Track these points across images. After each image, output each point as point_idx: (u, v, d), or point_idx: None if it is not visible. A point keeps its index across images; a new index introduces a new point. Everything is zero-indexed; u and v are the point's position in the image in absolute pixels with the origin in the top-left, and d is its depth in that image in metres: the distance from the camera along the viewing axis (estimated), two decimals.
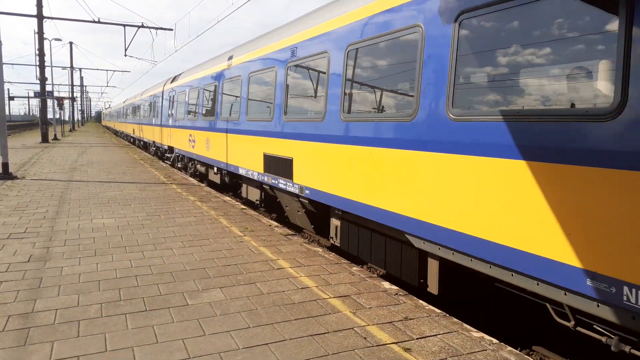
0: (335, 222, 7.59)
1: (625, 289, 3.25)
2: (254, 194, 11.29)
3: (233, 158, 11.68)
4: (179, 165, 19.97)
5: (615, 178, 3.32)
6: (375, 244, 6.56)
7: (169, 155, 22.04)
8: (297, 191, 8.23)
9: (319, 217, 8.60)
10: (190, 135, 16.32)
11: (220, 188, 14.92)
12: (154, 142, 26.11)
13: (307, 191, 7.85)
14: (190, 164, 18.09)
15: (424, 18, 5.22)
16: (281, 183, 8.86)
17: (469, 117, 4.55)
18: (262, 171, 9.71)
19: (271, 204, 10.99)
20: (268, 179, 9.41)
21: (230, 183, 13.13)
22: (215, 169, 13.99)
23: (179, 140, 18.71)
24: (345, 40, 6.79)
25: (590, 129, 3.47)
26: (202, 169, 15.97)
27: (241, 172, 11.07)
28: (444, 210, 4.87)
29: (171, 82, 21.06)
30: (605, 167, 3.38)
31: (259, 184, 10.78)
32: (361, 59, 6.48)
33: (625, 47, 3.24)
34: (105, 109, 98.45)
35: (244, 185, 11.90)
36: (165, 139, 21.95)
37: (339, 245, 7.50)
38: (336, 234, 7.58)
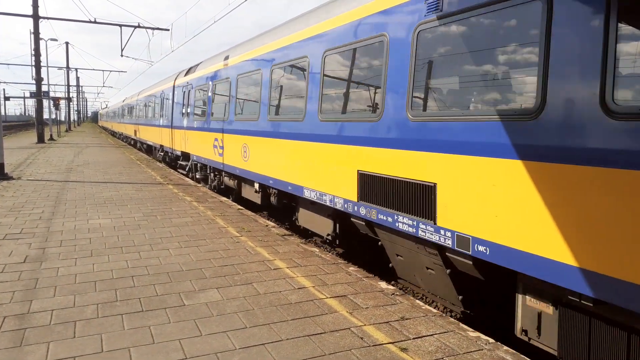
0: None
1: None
2: (321, 225, 8.11)
3: (289, 174, 8.47)
4: (197, 176, 15.81)
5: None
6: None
7: (183, 163, 17.81)
8: (442, 241, 4.94)
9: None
10: (216, 139, 12.88)
11: (258, 209, 12.09)
12: (161, 145, 21.96)
13: (479, 247, 4.49)
14: (213, 175, 14.25)
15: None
16: (400, 222, 5.54)
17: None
18: (351, 197, 6.49)
19: (356, 241, 7.79)
20: (366, 212, 6.16)
21: (279, 204, 9.70)
22: (257, 185, 10.39)
23: (197, 145, 15.03)
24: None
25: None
26: (231, 182, 12.57)
27: (307, 194, 7.76)
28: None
29: (185, 74, 17.30)
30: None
31: (335, 214, 7.60)
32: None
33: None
34: (103, 108, 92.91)
35: (302, 210, 8.81)
36: (178, 143, 17.88)
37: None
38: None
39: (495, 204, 4.25)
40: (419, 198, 5.18)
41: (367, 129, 6.00)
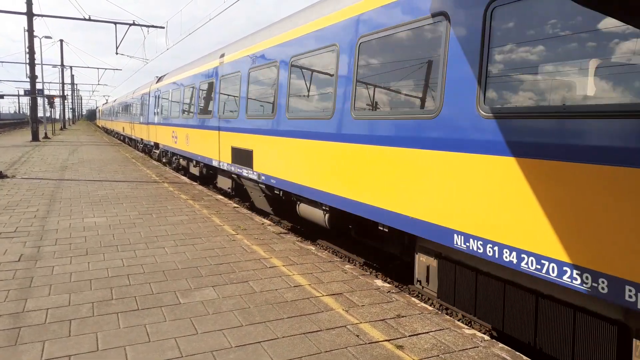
0: None
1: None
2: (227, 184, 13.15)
3: (203, 152, 13.96)
4: (164, 160, 21.42)
5: (439, 157, 4.98)
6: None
7: (156, 151, 22.99)
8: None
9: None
10: (173, 132, 18.31)
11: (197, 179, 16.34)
12: (141, 139, 26.34)
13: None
14: (174, 159, 19.47)
15: (340, 39, 6.95)
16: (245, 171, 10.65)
17: (364, 116, 6.31)
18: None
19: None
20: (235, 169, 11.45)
21: (207, 174, 14.85)
22: (195, 162, 15.93)
23: (163, 136, 20.61)
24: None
25: (424, 123, 5.21)
26: (183, 163, 17.85)
27: (215, 164, 12.77)
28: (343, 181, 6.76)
29: (156, 82, 22.88)
30: (433, 149, 5.06)
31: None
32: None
33: (443, 73, 4.93)
34: (103, 104, 77.39)
35: (219, 177, 13.71)
36: (152, 135, 23.05)
37: None
38: None
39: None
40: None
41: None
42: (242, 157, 10.42)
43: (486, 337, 4.23)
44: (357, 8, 6.52)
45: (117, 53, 28.98)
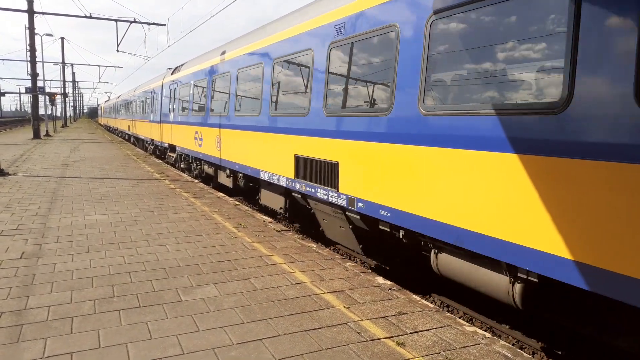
0: None
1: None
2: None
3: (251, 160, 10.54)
4: (182, 166, 17.68)
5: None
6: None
7: (171, 154, 19.26)
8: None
9: None
10: (197, 132, 14.70)
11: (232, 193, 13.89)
12: (152, 139, 23.30)
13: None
14: (195, 165, 16.07)
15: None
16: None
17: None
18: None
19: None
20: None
21: (245, 187, 11.65)
22: (228, 171, 12.38)
23: (182, 138, 17.19)
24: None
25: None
26: (210, 170, 14.28)
27: (262, 176, 9.71)
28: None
29: (172, 73, 18.73)
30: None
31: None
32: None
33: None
34: (105, 101, 70.64)
35: (263, 191, 10.53)
36: (166, 136, 19.60)
37: None
38: None
39: (373, 173, 6.01)
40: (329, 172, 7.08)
41: (300, 121, 7.82)
42: (316, 171, 7.43)
43: (487, 335, 4.23)
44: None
45: (118, 50, 28.98)
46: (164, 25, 28.08)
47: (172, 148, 18.81)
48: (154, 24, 28.93)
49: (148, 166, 17.88)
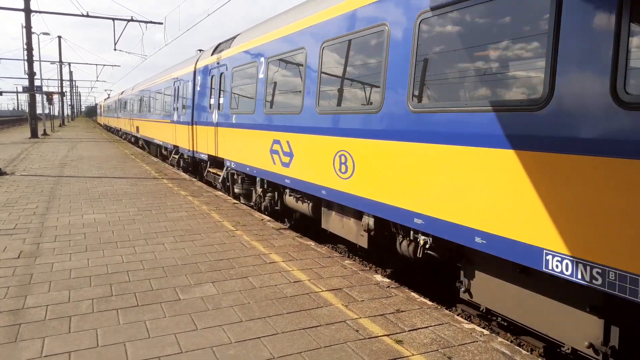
0: None
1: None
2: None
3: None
4: (236, 190, 11.30)
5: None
6: None
7: (213, 170, 13.59)
8: None
9: None
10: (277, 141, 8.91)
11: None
12: (175, 146, 17.52)
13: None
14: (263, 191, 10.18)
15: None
16: None
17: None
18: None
19: None
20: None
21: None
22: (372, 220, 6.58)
23: (238, 148, 10.89)
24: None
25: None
26: (304, 206, 8.43)
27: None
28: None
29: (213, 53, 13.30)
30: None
31: None
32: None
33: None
34: (105, 99, 62.91)
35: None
36: (202, 144, 13.98)
37: None
38: None
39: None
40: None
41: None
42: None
43: (485, 332, 4.24)
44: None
45: (115, 49, 28.90)
46: (162, 23, 28.05)
47: (214, 161, 13.39)
48: (151, 22, 28.89)
49: (146, 165, 17.85)
